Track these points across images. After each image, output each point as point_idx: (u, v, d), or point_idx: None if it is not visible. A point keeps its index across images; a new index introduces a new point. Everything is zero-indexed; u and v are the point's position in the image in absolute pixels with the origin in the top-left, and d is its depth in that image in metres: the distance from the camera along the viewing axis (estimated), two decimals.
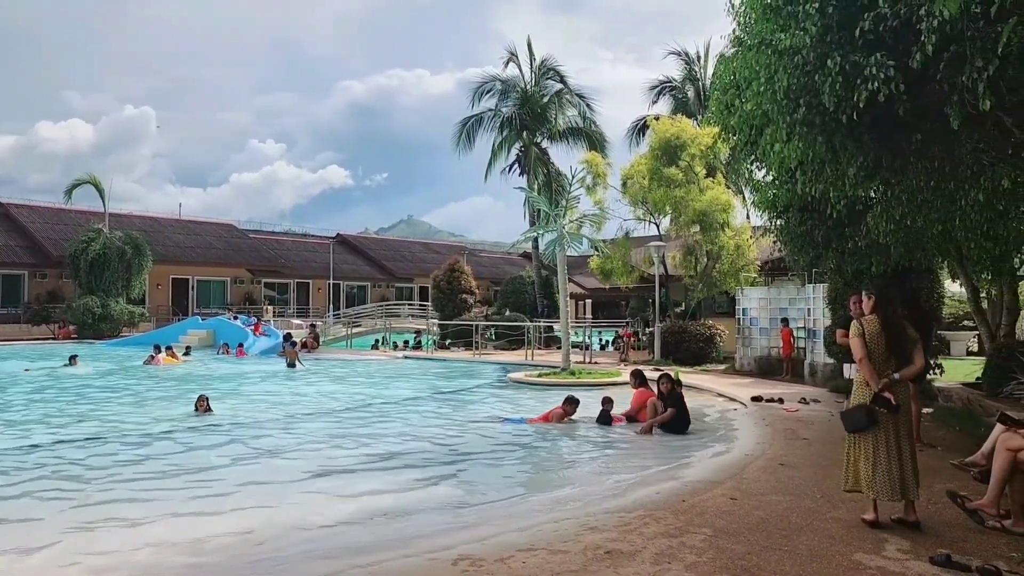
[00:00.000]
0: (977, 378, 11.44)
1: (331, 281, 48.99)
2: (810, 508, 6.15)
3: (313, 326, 31.40)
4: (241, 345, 26.84)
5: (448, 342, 29.57)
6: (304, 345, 28.11)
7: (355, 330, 33.11)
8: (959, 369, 14.34)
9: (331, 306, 46.25)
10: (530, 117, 34.39)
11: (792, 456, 8.28)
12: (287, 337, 28.27)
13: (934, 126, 7.48)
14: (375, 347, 30.15)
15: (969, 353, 22.34)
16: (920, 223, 10.08)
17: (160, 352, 22.21)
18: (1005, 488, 5.66)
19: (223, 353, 26.48)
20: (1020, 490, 5.70)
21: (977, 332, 17.57)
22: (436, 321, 31.28)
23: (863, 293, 5.98)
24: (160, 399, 15.20)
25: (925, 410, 9.85)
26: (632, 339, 26.75)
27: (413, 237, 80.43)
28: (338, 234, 58.51)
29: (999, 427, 6.01)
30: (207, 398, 13.06)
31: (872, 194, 9.99)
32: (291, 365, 22.08)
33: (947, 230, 10.38)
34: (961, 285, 15.21)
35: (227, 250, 46.45)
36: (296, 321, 38.33)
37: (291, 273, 48.91)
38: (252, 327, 29.76)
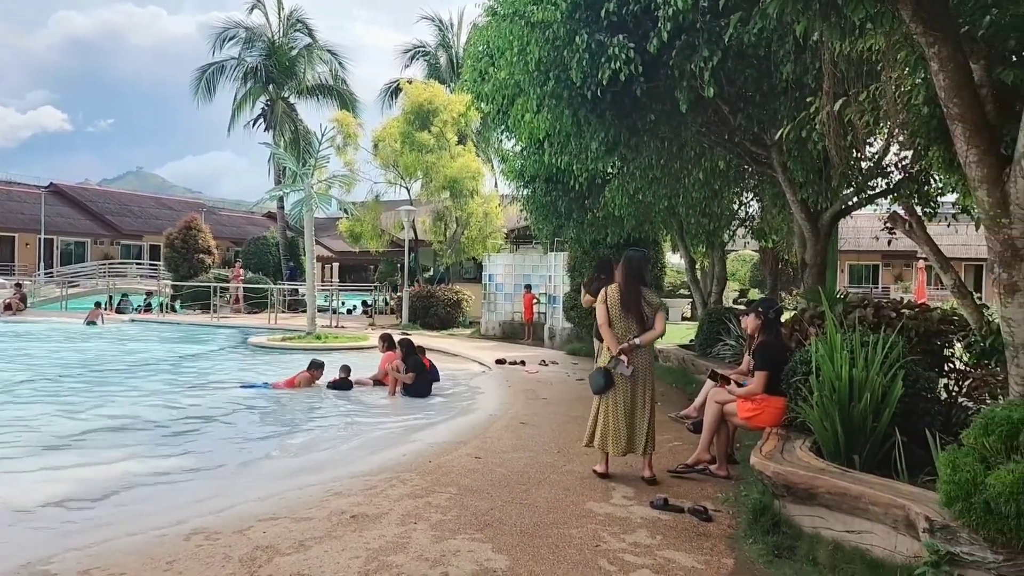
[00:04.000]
0: (691, 340, 12.72)
1: (42, 236, 43.45)
2: (548, 463, 6.48)
3: (19, 285, 27.77)
4: None
5: (182, 304, 27.59)
6: (8, 307, 24.82)
7: (72, 290, 29.80)
8: (676, 333, 15.89)
9: (42, 264, 41.14)
10: (277, 70, 32.60)
11: (532, 415, 8.69)
12: None
13: (666, 108, 8.09)
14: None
15: (684, 318, 24.88)
16: (650, 198, 10.96)
17: None
18: (713, 437, 6.33)
19: None
20: (724, 439, 6.41)
21: (692, 299, 19.57)
22: (169, 282, 29.01)
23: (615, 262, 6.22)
24: None
25: None
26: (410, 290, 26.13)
27: (144, 191, 73.29)
28: (52, 183, 51.90)
29: (709, 383, 6.71)
30: None
31: (611, 169, 10.67)
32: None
33: (672, 205, 11.41)
34: (680, 256, 16.81)
35: None
36: None
37: None
38: None
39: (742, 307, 12.99)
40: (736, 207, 14.34)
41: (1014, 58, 4.23)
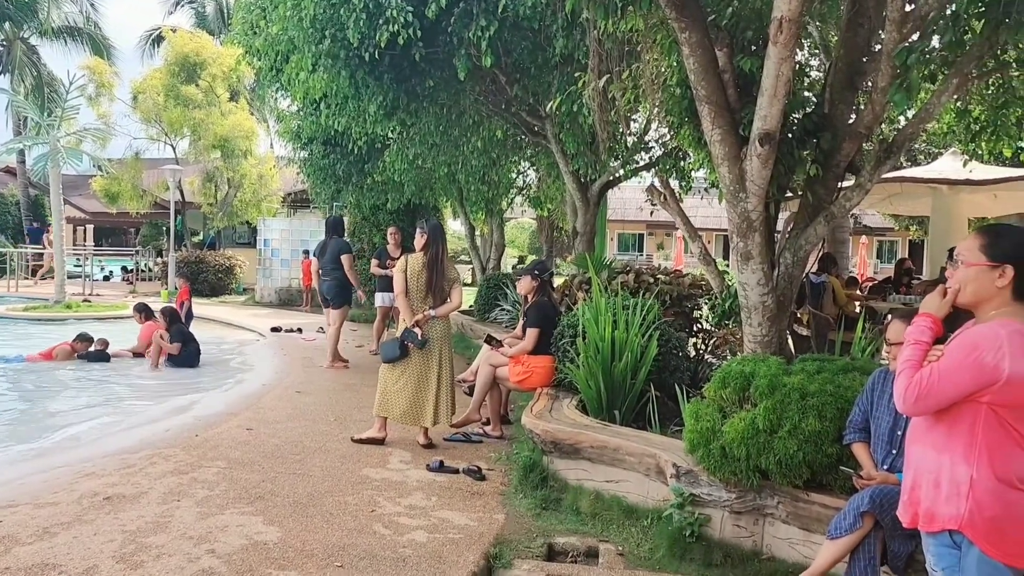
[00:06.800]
0: (470, 305, 13.00)
1: None
2: (324, 431, 6.37)
3: None
4: None
5: None
6: None
7: None
8: None
9: None
10: (13, 6, 28.69)
11: (308, 384, 8.49)
12: None
13: (445, 75, 8.13)
14: None
15: (464, 284, 25.35)
16: (430, 164, 11.00)
17: None
18: (485, 398, 6.53)
19: None
20: (498, 401, 6.65)
21: (471, 265, 19.99)
22: None
23: (418, 229, 6.13)
24: None
25: None
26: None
27: None
28: None
29: (486, 347, 6.90)
30: None
31: (391, 133, 10.56)
32: None
33: (452, 172, 11.53)
34: (461, 223, 17.06)
35: None
36: None
37: None
38: None
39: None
40: (514, 176, 14.77)
41: (753, 48, 4.67)
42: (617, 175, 10.70)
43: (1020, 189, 9.63)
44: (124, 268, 27.59)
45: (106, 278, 26.87)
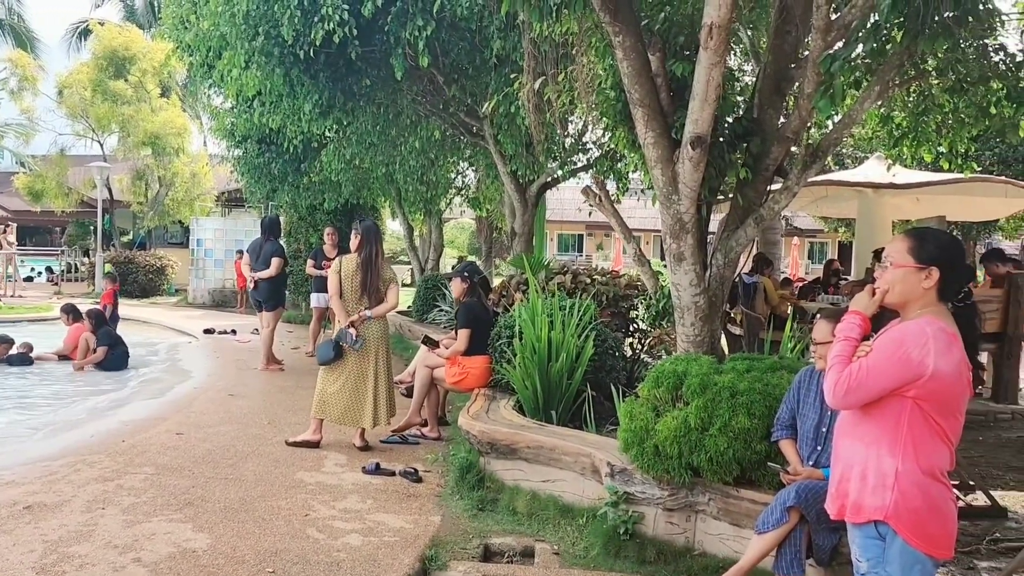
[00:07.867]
0: (408, 306, 12.92)
1: None
2: (257, 435, 6.25)
3: None
4: None
5: None
6: None
7: None
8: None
9: None
10: None
11: (242, 387, 8.33)
12: None
13: (382, 74, 8.07)
14: None
15: (403, 285, 25.20)
16: (368, 164, 10.90)
17: None
18: (424, 400, 6.50)
19: None
20: (434, 401, 6.63)
21: (410, 266, 19.85)
22: None
23: (352, 230, 6.06)
24: None
25: None
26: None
27: None
28: None
29: (423, 348, 6.86)
30: None
31: (327, 132, 10.42)
32: None
33: (390, 172, 11.44)
34: (399, 223, 16.93)
35: None
36: None
37: None
38: None
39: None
40: (453, 176, 14.72)
41: (685, 52, 4.75)
42: (555, 176, 10.77)
43: (940, 193, 10.01)
44: (49, 268, 26.61)
45: (29, 279, 25.85)
